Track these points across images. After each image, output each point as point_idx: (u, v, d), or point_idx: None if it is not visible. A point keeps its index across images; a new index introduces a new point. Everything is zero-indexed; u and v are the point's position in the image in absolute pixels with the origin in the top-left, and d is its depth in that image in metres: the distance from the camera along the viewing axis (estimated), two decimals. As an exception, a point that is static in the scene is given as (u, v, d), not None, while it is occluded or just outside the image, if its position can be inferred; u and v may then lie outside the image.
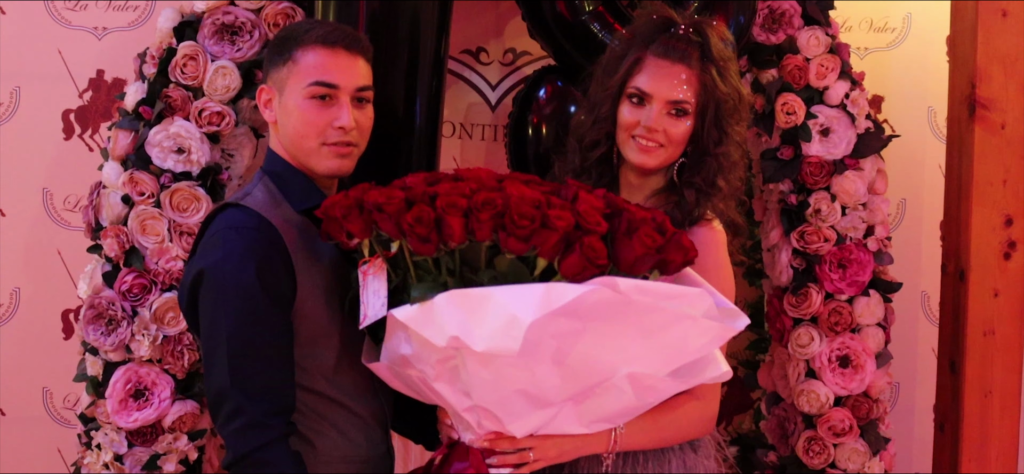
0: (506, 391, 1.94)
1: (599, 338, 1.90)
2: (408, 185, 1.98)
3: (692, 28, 2.30)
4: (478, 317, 1.84)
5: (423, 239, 1.88)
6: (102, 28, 3.41)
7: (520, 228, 1.84)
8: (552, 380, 1.93)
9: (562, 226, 1.84)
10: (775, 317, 3.20)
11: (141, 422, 2.91)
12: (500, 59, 3.56)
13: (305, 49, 2.22)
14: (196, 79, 2.92)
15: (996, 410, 3.15)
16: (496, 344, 1.82)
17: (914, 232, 3.68)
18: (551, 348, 1.88)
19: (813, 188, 3.10)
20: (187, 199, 2.93)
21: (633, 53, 2.31)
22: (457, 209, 1.86)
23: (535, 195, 1.89)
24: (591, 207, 1.90)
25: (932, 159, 3.69)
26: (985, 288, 3.12)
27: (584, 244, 1.85)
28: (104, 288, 2.93)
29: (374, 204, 1.93)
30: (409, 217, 1.88)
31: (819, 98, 3.10)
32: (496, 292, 1.85)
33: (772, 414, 3.31)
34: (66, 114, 3.43)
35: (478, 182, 1.95)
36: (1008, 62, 3.09)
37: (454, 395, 1.98)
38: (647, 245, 1.89)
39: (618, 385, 1.97)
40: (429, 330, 1.88)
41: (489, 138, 3.57)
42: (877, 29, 3.67)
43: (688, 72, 2.26)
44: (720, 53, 2.29)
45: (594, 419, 2.06)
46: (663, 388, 2.05)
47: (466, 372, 1.92)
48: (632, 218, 1.92)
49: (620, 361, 1.95)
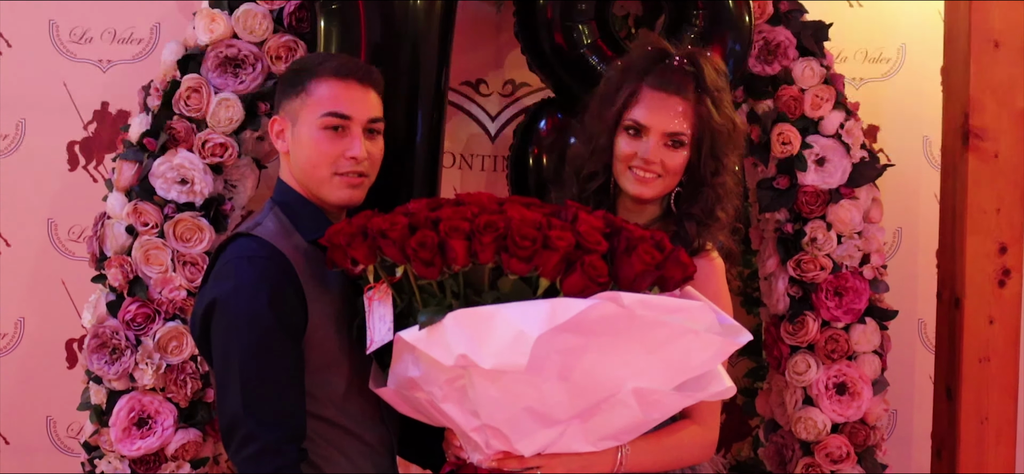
0: (514, 409, 1.97)
1: (604, 353, 1.93)
2: (411, 211, 2.01)
3: (686, 59, 2.32)
4: (485, 335, 1.87)
5: (427, 263, 1.91)
6: (107, 61, 3.46)
7: (522, 249, 1.87)
8: (559, 396, 1.96)
9: (563, 246, 1.88)
10: (772, 345, 3.23)
11: (144, 450, 2.94)
12: (500, 90, 3.60)
13: (319, 81, 2.27)
14: (200, 111, 2.96)
15: (992, 436, 3.16)
16: (504, 360, 1.85)
17: (910, 260, 3.70)
18: (557, 364, 1.91)
19: (809, 217, 3.14)
20: (190, 229, 2.96)
21: (629, 85, 2.33)
22: (460, 232, 1.90)
23: (536, 217, 1.92)
24: (591, 227, 1.93)
25: (928, 188, 3.71)
26: (980, 315, 3.15)
27: (585, 263, 1.88)
28: (108, 317, 2.97)
29: (378, 230, 1.96)
30: (413, 242, 1.91)
31: (814, 128, 3.14)
32: (502, 310, 1.88)
33: (770, 441, 3.33)
34: (71, 146, 3.47)
35: (479, 206, 1.98)
36: (1001, 92, 3.12)
37: (462, 415, 2.01)
38: (646, 262, 1.92)
39: (624, 400, 1.99)
40: (437, 350, 1.91)
41: (489, 168, 3.60)
42: (872, 59, 3.71)
43: (684, 104, 2.28)
44: (714, 83, 2.31)
45: (601, 437, 2.08)
46: (668, 403, 2.07)
47: (474, 391, 1.95)
48: (631, 236, 1.95)
49: (625, 376, 1.97)
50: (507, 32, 3.55)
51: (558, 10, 2.93)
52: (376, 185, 2.45)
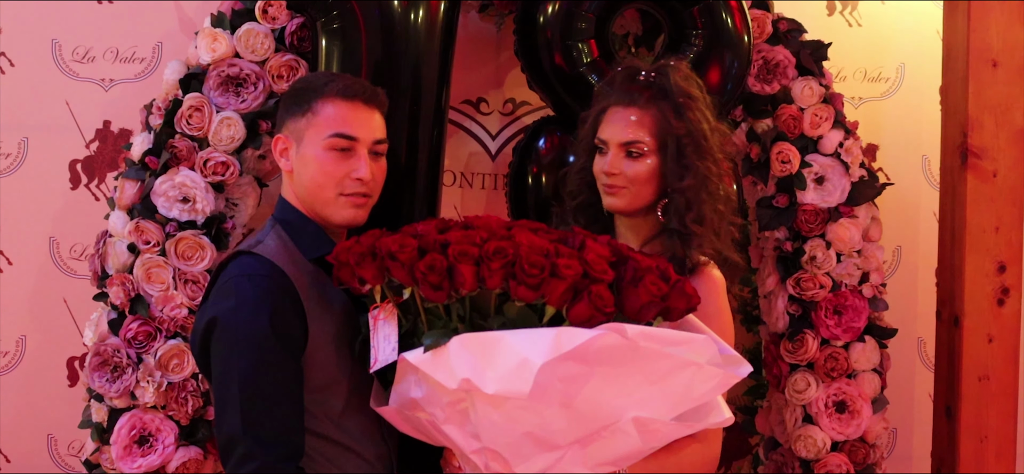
0: (514, 434, 1.97)
1: (606, 382, 1.94)
2: (420, 233, 2.01)
3: (653, 72, 2.36)
4: (489, 360, 1.88)
5: (435, 287, 1.92)
6: (109, 80, 3.47)
7: (530, 277, 1.88)
8: (560, 423, 1.96)
9: (571, 275, 1.89)
10: (772, 363, 3.24)
11: (145, 468, 2.94)
12: (500, 109, 3.61)
13: (325, 101, 2.29)
14: (201, 130, 2.98)
15: (991, 455, 3.17)
16: (507, 386, 1.86)
17: (910, 279, 3.71)
18: (560, 391, 1.91)
19: (808, 236, 3.15)
20: (192, 247, 2.97)
21: (599, 105, 2.40)
22: (469, 258, 1.91)
23: (544, 244, 1.93)
24: (598, 256, 1.94)
25: (927, 206, 3.73)
26: (980, 334, 3.16)
27: (592, 292, 1.90)
28: (110, 335, 2.98)
29: (387, 252, 1.97)
30: (422, 265, 1.92)
31: (813, 147, 3.15)
32: (507, 336, 1.90)
33: (770, 459, 3.33)
34: (73, 164, 3.48)
35: (488, 231, 1.99)
36: (999, 112, 3.13)
37: (463, 437, 2.02)
38: (652, 293, 1.93)
39: (624, 429, 2.00)
40: (441, 373, 1.92)
41: (489, 187, 3.61)
42: (871, 79, 3.73)
43: (638, 113, 2.33)
44: (680, 90, 2.34)
45: (599, 462, 2.08)
46: (667, 432, 2.07)
47: (475, 414, 1.96)
48: (638, 266, 1.96)
49: (626, 405, 1.98)
50: (507, 51, 3.57)
51: (558, 29, 2.94)
52: (377, 204, 2.47)
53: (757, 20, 3.10)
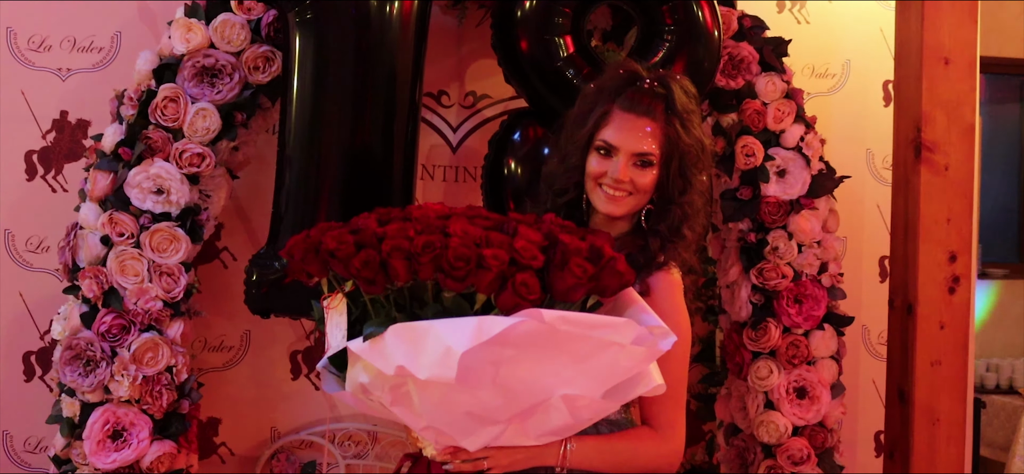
0: (454, 413, 2.05)
1: (534, 363, 2.01)
2: (359, 227, 2.06)
3: (657, 82, 2.39)
4: (420, 349, 1.95)
5: (369, 282, 1.98)
6: (66, 69, 3.41)
7: (456, 270, 1.94)
8: (495, 401, 2.04)
9: (496, 265, 1.94)
10: (734, 351, 3.32)
11: (120, 463, 2.91)
12: (461, 102, 3.64)
13: None
14: (176, 121, 2.95)
15: (943, 437, 3.30)
16: (435, 373, 1.92)
17: (854, 269, 3.82)
18: (490, 373, 1.98)
19: (771, 227, 3.24)
20: (167, 239, 2.95)
21: (601, 106, 2.39)
22: (401, 252, 1.96)
23: (476, 233, 1.98)
24: (528, 242, 2.00)
25: (871, 199, 3.86)
26: (932, 321, 3.28)
27: (516, 281, 1.95)
28: (82, 329, 2.93)
29: (327, 250, 2.01)
30: (357, 261, 1.97)
31: (776, 141, 3.24)
32: (435, 325, 1.96)
33: (731, 445, 3.42)
34: (29, 155, 3.41)
35: (424, 223, 2.03)
36: (951, 107, 3.26)
37: (410, 417, 2.10)
38: (577, 275, 1.99)
39: (555, 406, 2.08)
40: (379, 361, 1.99)
41: (450, 179, 3.64)
42: (818, 75, 3.85)
43: (653, 124, 2.35)
44: (684, 106, 2.38)
45: (541, 433, 2.16)
46: (598, 407, 2.14)
47: (416, 397, 2.03)
48: (566, 249, 2.01)
49: (554, 384, 2.05)
50: (469, 44, 3.60)
51: (535, 23, 2.97)
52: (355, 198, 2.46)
53: (724, 16, 3.16)
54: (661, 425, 2.32)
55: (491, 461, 2.18)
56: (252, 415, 3.59)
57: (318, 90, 2.87)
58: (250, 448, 3.59)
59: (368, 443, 3.61)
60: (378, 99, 2.91)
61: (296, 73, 2.87)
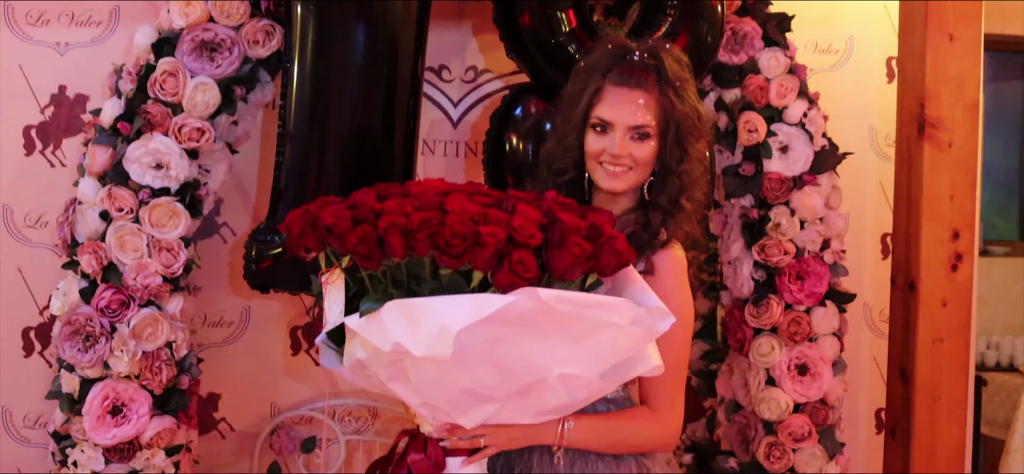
0: (451, 390, 2.04)
1: (530, 342, 1.99)
2: (357, 202, 2.04)
3: (647, 53, 2.37)
4: (416, 326, 1.93)
5: (365, 258, 1.97)
6: (64, 44, 3.39)
7: (453, 247, 1.92)
8: (491, 379, 2.03)
9: (493, 243, 1.92)
10: (735, 328, 3.31)
11: (119, 439, 2.91)
12: (462, 76, 3.62)
13: None
14: (176, 95, 2.93)
15: (944, 415, 3.29)
16: (432, 350, 1.91)
17: (856, 246, 3.81)
18: (486, 352, 1.97)
19: (773, 203, 3.23)
20: (166, 214, 2.93)
21: (593, 84, 2.36)
22: (397, 228, 1.94)
23: (473, 209, 1.96)
24: (526, 219, 1.98)
25: (874, 176, 3.85)
26: (934, 299, 3.27)
27: (513, 259, 1.94)
28: (81, 304, 2.92)
29: (324, 225, 2.00)
30: (353, 237, 1.96)
31: (779, 117, 3.22)
32: (432, 302, 1.94)
33: (732, 421, 3.41)
34: (27, 130, 3.40)
35: (421, 199, 2.01)
36: (955, 84, 3.24)
37: (407, 394, 2.08)
38: (575, 254, 1.97)
39: (552, 385, 2.06)
40: (376, 338, 1.97)
41: (451, 154, 3.62)
42: (821, 51, 3.82)
43: (646, 96, 2.32)
44: (676, 74, 2.35)
45: (538, 412, 2.15)
46: (596, 387, 2.13)
47: (413, 374, 2.02)
48: (564, 228, 1.99)
49: (551, 363, 2.03)
50: (469, 18, 3.58)
51: (537, -2, 2.96)
52: (356, 173, 2.45)
53: (727, -9, 3.15)
54: (660, 405, 2.30)
55: (488, 439, 2.17)
56: (252, 391, 3.58)
57: (319, 64, 2.86)
58: (250, 424, 3.58)
59: (368, 419, 3.60)
60: (380, 73, 2.90)
61: (297, 47, 2.86)
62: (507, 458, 2.29)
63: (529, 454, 2.29)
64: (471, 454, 2.17)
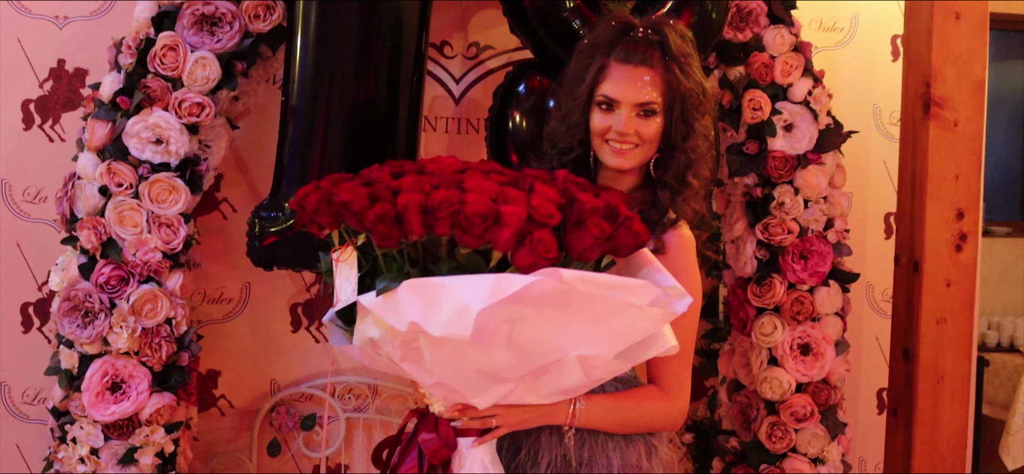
0: (465, 370, 2.03)
1: (549, 323, 1.98)
2: (373, 179, 2.02)
3: (651, 29, 2.36)
4: (434, 305, 1.92)
5: (384, 236, 1.95)
6: (63, 17, 3.36)
7: (474, 227, 1.90)
8: (507, 360, 2.01)
9: (514, 222, 1.91)
10: (738, 307, 3.30)
11: (118, 415, 2.89)
12: (464, 53, 3.59)
13: None
14: (176, 70, 2.91)
15: (947, 395, 3.27)
16: (450, 330, 1.90)
17: (859, 225, 3.80)
18: (504, 332, 1.95)
19: (777, 182, 3.20)
20: (166, 190, 2.91)
21: (597, 61, 2.36)
22: (416, 206, 1.92)
23: (492, 188, 1.94)
24: (545, 199, 1.96)
25: (877, 155, 3.83)
26: (938, 279, 3.25)
27: (534, 238, 1.92)
28: (80, 280, 2.90)
29: (341, 201, 1.98)
30: (371, 214, 1.94)
31: (783, 95, 3.20)
32: (451, 282, 1.93)
33: (734, 401, 3.40)
34: (26, 104, 3.37)
35: (439, 177, 2.00)
36: (961, 63, 3.21)
37: (420, 373, 2.07)
38: (595, 235, 1.96)
39: (569, 365, 2.06)
40: (391, 317, 1.95)
41: (453, 131, 3.60)
42: (826, 28, 3.80)
43: (651, 73, 2.31)
44: (680, 50, 2.34)
45: (551, 392, 2.15)
46: (612, 367, 2.13)
47: (428, 353, 2.00)
48: (582, 208, 1.98)
49: (569, 344, 2.03)
50: (472, -6, 3.56)
51: (541, -27, 2.93)
52: (360, 149, 2.42)
53: (732, -33, 3.12)
54: (669, 384, 2.31)
55: (500, 419, 2.16)
56: (252, 368, 3.57)
57: (322, 39, 2.82)
58: (250, 401, 3.57)
59: (368, 396, 3.59)
60: (383, 49, 2.87)
61: (300, 21, 2.82)
62: (513, 437, 2.28)
63: (537, 434, 2.29)
64: (481, 434, 2.16)
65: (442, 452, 2.15)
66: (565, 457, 2.27)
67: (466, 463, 2.16)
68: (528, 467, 2.29)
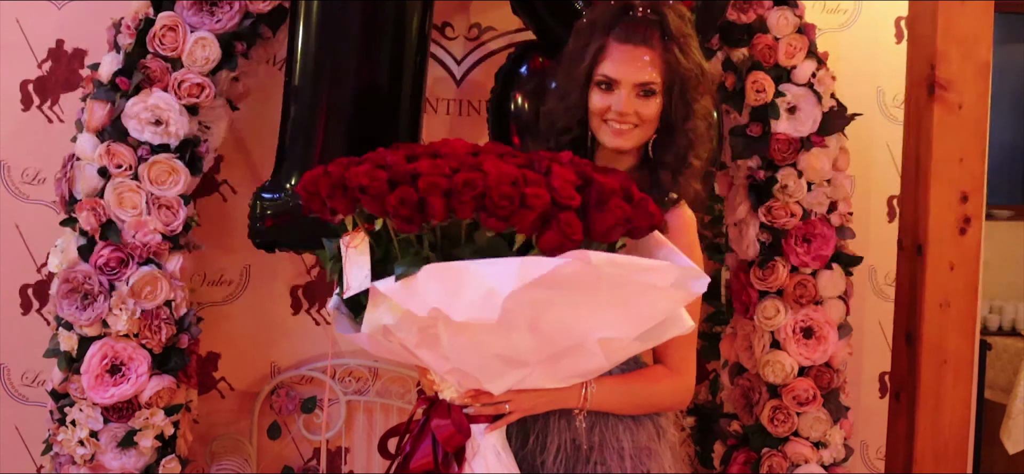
0: (484, 355, 2.01)
1: (572, 306, 1.97)
2: (389, 163, 1.99)
3: (650, 9, 2.34)
4: (458, 290, 1.89)
5: (407, 220, 1.91)
6: (62, -3, 3.35)
7: (500, 208, 1.88)
8: (527, 344, 2.00)
9: (540, 205, 1.89)
10: (741, 290, 3.28)
11: (118, 398, 2.88)
12: (465, 34, 3.57)
13: None
14: (175, 50, 2.89)
15: (950, 379, 3.26)
16: (475, 314, 1.88)
17: (862, 208, 3.77)
18: (527, 316, 1.94)
19: (780, 164, 3.19)
20: (166, 171, 2.90)
21: (596, 41, 2.34)
22: (439, 190, 1.90)
23: (512, 171, 1.92)
24: (565, 181, 1.94)
25: (880, 138, 3.81)
26: (942, 262, 3.23)
27: (561, 220, 1.90)
28: (79, 262, 2.89)
29: (358, 185, 1.95)
30: (393, 199, 1.91)
31: (787, 77, 3.18)
32: (474, 266, 1.90)
33: (736, 384, 3.39)
34: (24, 85, 3.35)
35: (457, 159, 1.97)
36: (966, 45, 3.19)
37: (435, 360, 2.06)
38: (617, 215, 1.95)
39: (590, 349, 2.05)
40: (411, 302, 1.92)
41: (454, 113, 3.58)
42: (830, 10, 3.78)
43: (651, 53, 2.30)
44: (679, 30, 2.33)
45: (566, 376, 2.15)
46: (632, 349, 2.14)
47: (446, 339, 1.97)
48: (602, 189, 1.97)
49: (592, 327, 2.02)
50: (474, -26, 3.53)
51: (543, -48, 2.90)
52: (362, 131, 2.40)
53: (736, -52, 3.10)
54: (676, 364, 2.31)
55: (513, 404, 2.15)
56: (252, 350, 3.56)
57: (325, 20, 2.80)
58: (250, 383, 3.56)
59: (369, 379, 3.58)
60: (387, 30, 2.85)
61: (302, 2, 2.80)
62: (521, 424, 2.26)
63: (545, 419, 2.28)
64: (493, 420, 2.15)
65: (456, 438, 2.13)
66: (574, 442, 2.26)
67: (479, 450, 2.14)
68: (537, 454, 2.28)
